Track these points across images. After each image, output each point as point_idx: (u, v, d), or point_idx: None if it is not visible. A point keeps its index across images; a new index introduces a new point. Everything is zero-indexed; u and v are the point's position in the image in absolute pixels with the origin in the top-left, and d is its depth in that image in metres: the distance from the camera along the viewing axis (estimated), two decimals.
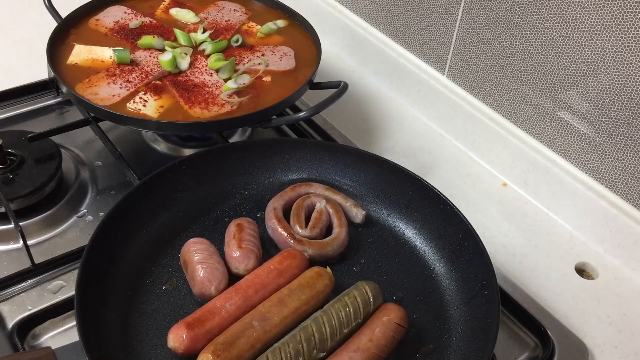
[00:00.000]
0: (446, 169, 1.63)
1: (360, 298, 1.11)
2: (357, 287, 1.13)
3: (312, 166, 1.40)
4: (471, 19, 1.56)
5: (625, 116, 1.33)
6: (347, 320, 1.09)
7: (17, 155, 1.40)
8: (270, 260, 1.18)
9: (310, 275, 1.15)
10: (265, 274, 1.15)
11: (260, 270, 1.15)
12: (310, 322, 1.07)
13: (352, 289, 1.13)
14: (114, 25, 1.62)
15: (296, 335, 1.05)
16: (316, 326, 1.06)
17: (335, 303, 1.11)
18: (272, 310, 1.08)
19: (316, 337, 1.05)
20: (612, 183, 1.42)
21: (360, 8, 1.89)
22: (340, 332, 1.07)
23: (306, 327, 1.07)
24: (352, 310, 1.09)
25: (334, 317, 1.08)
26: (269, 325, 1.07)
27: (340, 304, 1.10)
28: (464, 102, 1.65)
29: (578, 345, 1.25)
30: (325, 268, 1.18)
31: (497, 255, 1.42)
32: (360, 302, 1.10)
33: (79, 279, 1.07)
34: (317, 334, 1.06)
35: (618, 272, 1.42)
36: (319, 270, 1.16)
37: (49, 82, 1.66)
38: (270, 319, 1.07)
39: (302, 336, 1.05)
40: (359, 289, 1.13)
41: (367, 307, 1.11)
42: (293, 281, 1.14)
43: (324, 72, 1.82)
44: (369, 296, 1.12)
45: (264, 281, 1.13)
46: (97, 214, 1.39)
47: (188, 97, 1.43)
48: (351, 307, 1.10)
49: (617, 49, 1.29)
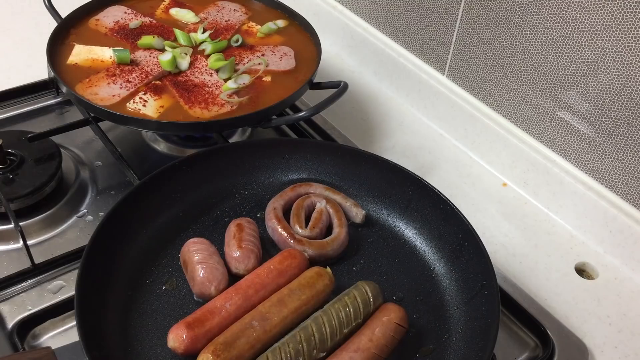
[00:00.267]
0: (446, 169, 1.63)
1: (360, 298, 1.11)
2: (357, 287, 1.13)
3: (312, 166, 1.40)
4: (471, 19, 1.56)
5: (625, 116, 1.33)
6: (347, 320, 1.09)
7: (17, 155, 1.40)
8: (270, 260, 1.18)
9: (311, 275, 1.15)
10: (265, 273, 1.15)
11: (261, 270, 1.15)
12: (310, 322, 1.07)
13: (352, 289, 1.13)
14: (114, 25, 1.62)
15: (296, 335, 1.05)
16: (316, 326, 1.06)
17: (335, 303, 1.11)
18: (272, 310, 1.08)
19: (316, 337, 1.05)
20: (612, 183, 1.42)
21: (360, 8, 1.89)
22: (340, 332, 1.07)
23: (306, 327, 1.07)
24: (352, 310, 1.09)
25: (334, 317, 1.08)
26: (269, 325, 1.07)
27: (340, 304, 1.10)
28: (464, 102, 1.65)
29: (578, 345, 1.25)
30: (325, 268, 1.18)
31: (497, 255, 1.42)
32: (360, 302, 1.10)
33: (79, 279, 1.07)
34: (317, 334, 1.06)
35: (618, 272, 1.42)
36: (319, 270, 1.16)
37: (49, 82, 1.66)
38: (270, 319, 1.07)
39: (302, 336, 1.05)
40: (359, 289, 1.13)
41: (367, 307, 1.11)
42: (293, 281, 1.14)
43: (324, 72, 1.82)
44: (369, 296, 1.12)
45: (264, 281, 1.13)
46: (97, 214, 1.39)
47: (188, 97, 1.43)
48: (351, 307, 1.10)
49: (617, 49, 1.29)
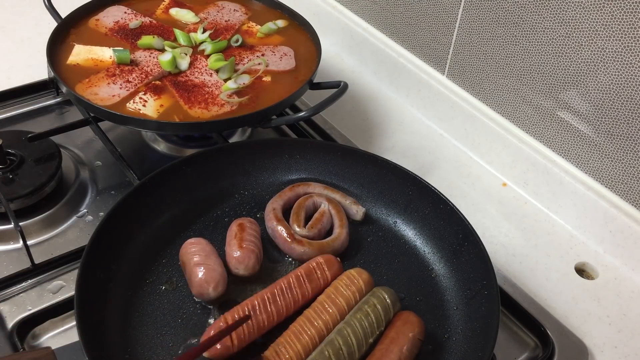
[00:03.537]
0: (446, 169, 1.63)
1: (380, 305, 1.10)
2: (375, 294, 1.12)
3: (312, 166, 1.40)
4: (471, 19, 1.56)
5: (625, 116, 1.33)
6: (371, 329, 1.08)
7: (17, 155, 1.40)
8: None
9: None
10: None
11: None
12: (335, 335, 1.06)
13: (370, 297, 1.12)
14: (114, 25, 1.62)
15: (324, 350, 1.04)
16: (342, 339, 1.05)
17: (356, 313, 1.09)
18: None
19: (344, 350, 1.04)
20: (612, 183, 1.42)
21: (360, 8, 1.89)
22: (365, 342, 1.07)
23: (332, 340, 1.05)
24: (374, 319, 1.09)
25: (357, 327, 1.07)
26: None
27: (362, 313, 1.09)
28: (464, 102, 1.65)
29: (578, 345, 1.25)
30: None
31: (497, 255, 1.42)
32: (380, 310, 1.10)
33: (79, 279, 1.07)
34: (345, 347, 1.04)
35: (618, 272, 1.42)
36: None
37: (49, 82, 1.67)
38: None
39: (330, 351, 1.03)
40: (377, 296, 1.12)
41: (388, 313, 1.11)
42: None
43: (324, 72, 1.82)
44: (387, 302, 1.11)
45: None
46: (97, 214, 1.39)
47: (188, 97, 1.43)
48: (373, 315, 1.09)
49: (617, 49, 1.29)
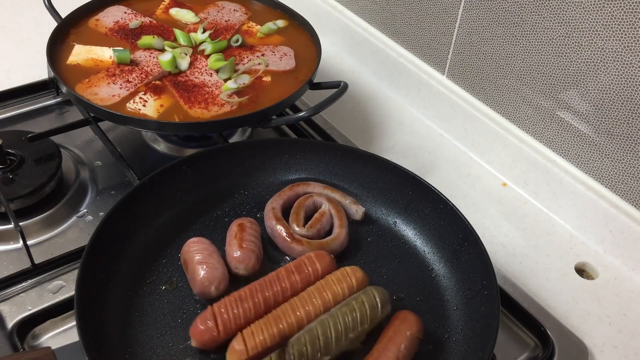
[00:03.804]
0: (446, 169, 1.63)
1: (368, 303, 1.10)
2: (366, 292, 1.12)
3: (312, 166, 1.40)
4: (471, 19, 1.56)
5: (625, 116, 1.33)
6: (353, 324, 1.08)
7: (17, 155, 1.40)
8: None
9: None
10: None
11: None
12: (317, 324, 1.07)
13: (360, 294, 1.12)
14: (113, 25, 1.62)
15: (301, 337, 1.04)
16: (322, 329, 1.05)
17: (342, 307, 1.10)
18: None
19: (321, 340, 1.04)
20: (612, 183, 1.42)
21: (360, 8, 1.89)
22: (345, 335, 1.07)
23: (312, 329, 1.06)
24: (358, 315, 1.08)
25: (340, 320, 1.07)
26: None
27: (348, 308, 1.09)
28: (464, 102, 1.65)
29: (578, 345, 1.25)
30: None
31: (497, 255, 1.42)
32: (367, 308, 1.10)
33: (79, 279, 1.07)
34: (322, 337, 1.05)
35: (618, 272, 1.42)
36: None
37: (49, 82, 1.67)
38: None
39: (306, 338, 1.04)
40: (367, 294, 1.12)
41: (375, 312, 1.10)
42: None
43: (324, 72, 1.82)
44: (376, 301, 1.11)
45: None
46: (97, 214, 1.39)
47: (188, 97, 1.43)
48: (358, 312, 1.09)
49: (617, 49, 1.29)
